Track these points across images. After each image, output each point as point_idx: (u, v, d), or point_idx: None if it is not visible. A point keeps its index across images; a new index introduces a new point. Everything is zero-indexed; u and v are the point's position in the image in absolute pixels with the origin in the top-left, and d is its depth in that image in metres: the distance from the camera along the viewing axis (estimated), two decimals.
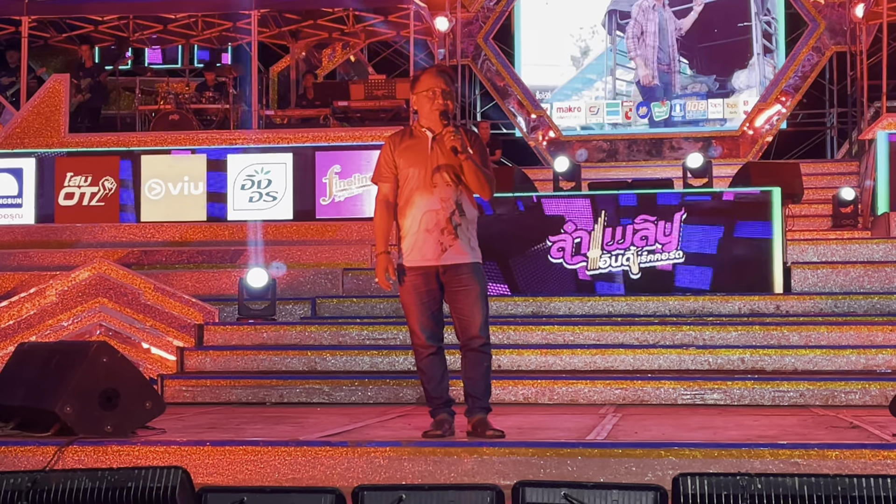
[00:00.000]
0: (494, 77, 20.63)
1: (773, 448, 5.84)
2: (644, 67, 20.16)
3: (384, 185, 6.52)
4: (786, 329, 9.72)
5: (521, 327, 10.04)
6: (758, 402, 8.61)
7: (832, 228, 14.76)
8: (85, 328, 10.49)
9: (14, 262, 13.12)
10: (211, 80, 17.76)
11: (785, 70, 19.67)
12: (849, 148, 19.43)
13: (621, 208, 11.36)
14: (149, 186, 14.30)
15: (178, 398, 9.28)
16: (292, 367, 9.71)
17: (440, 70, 6.55)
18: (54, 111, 14.55)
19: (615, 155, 20.04)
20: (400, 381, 9.13)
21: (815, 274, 11.36)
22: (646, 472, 5.81)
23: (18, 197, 14.48)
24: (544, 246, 11.42)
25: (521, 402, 8.86)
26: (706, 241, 11.25)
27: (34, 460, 6.16)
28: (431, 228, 6.34)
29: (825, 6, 19.67)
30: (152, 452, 6.19)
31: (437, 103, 6.36)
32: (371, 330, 10.14)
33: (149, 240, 13.78)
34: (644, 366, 9.31)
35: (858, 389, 8.56)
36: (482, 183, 6.34)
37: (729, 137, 19.75)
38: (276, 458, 6.10)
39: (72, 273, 10.74)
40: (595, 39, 20.52)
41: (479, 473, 5.92)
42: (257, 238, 13.31)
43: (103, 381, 6.57)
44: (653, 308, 10.77)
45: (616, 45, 20.36)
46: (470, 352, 6.42)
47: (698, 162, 13.65)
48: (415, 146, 6.44)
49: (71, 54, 19.16)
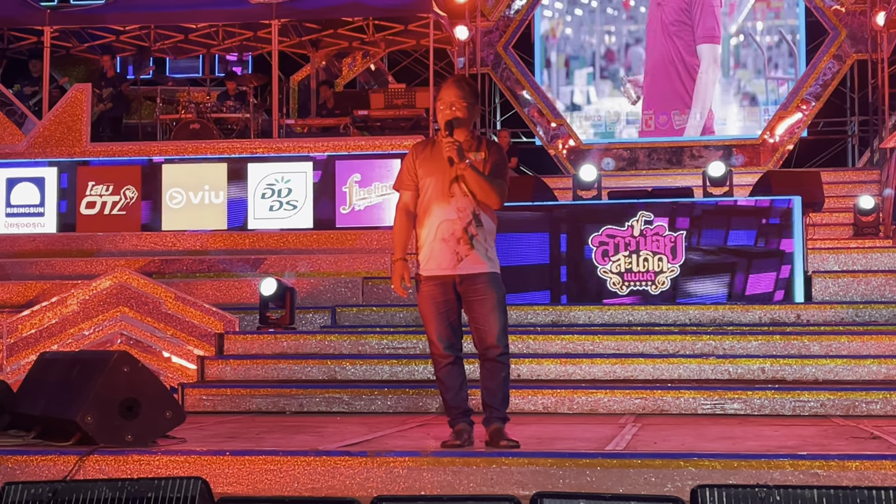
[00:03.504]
0: (514, 86, 20.63)
1: (793, 459, 5.81)
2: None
3: (405, 194, 6.56)
4: (806, 338, 9.69)
5: (541, 336, 10.03)
6: (778, 412, 8.58)
7: (853, 237, 14.69)
8: (106, 337, 10.55)
9: (36, 270, 13.20)
10: (232, 89, 17.83)
11: (806, 78, 19.61)
12: (870, 156, 19.36)
13: (643, 216, 11.33)
14: (170, 195, 14.35)
15: (198, 407, 9.30)
16: (312, 376, 9.73)
17: (457, 80, 6.58)
18: (76, 120, 14.62)
19: (635, 163, 20.01)
20: (419, 391, 9.13)
21: (836, 283, 11.31)
22: (665, 482, 5.80)
23: (40, 206, 14.56)
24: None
25: (540, 411, 8.85)
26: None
27: (55, 469, 6.19)
28: (447, 238, 6.37)
29: (846, 14, 19.61)
30: (172, 462, 6.21)
31: (445, 113, 6.41)
32: (391, 339, 10.15)
33: (170, 248, 13.83)
34: (664, 375, 9.28)
35: (880, 399, 8.52)
36: (487, 192, 6.34)
37: (749, 146, 19.69)
38: (295, 468, 6.11)
39: (93, 282, 10.80)
40: (616, 44, 20.49)
41: (497, 484, 5.91)
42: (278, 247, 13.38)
43: (124, 390, 6.59)
44: (672, 317, 10.75)
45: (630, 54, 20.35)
46: (487, 361, 6.43)
47: (719, 170, 13.61)
48: (435, 156, 6.47)
49: (93, 64, 19.28)
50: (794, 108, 19.57)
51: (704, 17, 19.69)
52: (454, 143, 6.28)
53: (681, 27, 19.78)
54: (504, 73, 20.68)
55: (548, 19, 20.68)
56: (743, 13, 19.92)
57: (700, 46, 19.74)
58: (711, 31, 19.72)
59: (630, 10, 20.16)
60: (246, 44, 18.85)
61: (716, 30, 19.71)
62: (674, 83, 19.84)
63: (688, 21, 19.78)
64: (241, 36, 18.42)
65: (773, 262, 11.21)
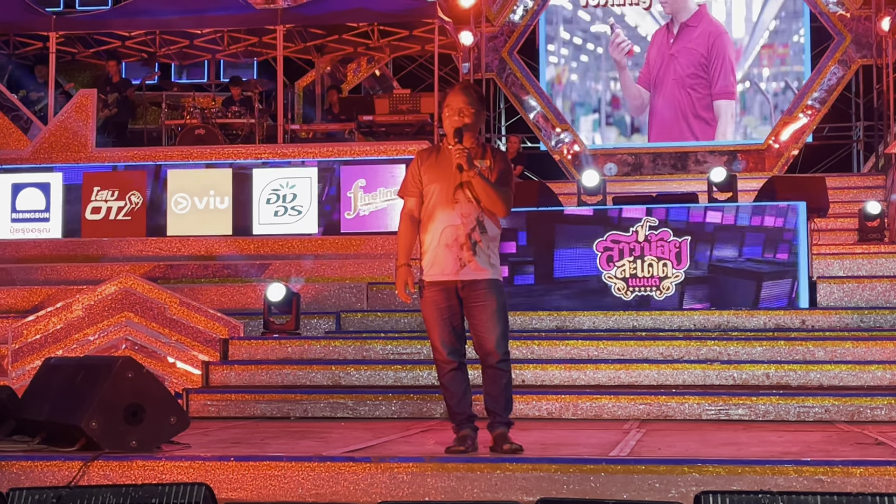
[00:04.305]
0: (519, 91, 20.64)
1: (797, 465, 5.81)
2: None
3: (409, 200, 6.58)
4: (811, 344, 9.68)
5: (546, 342, 10.03)
6: (783, 417, 8.57)
7: (858, 242, 14.67)
8: (111, 342, 10.56)
9: (41, 276, 13.22)
10: (237, 94, 17.85)
11: (811, 83, 19.60)
12: (875, 161, 19.34)
13: (647, 221, 11.33)
14: (175, 201, 14.37)
15: (203, 412, 9.31)
16: (316, 381, 9.73)
17: (464, 86, 6.61)
18: (82, 126, 14.65)
19: (640, 169, 20.01)
20: (423, 396, 9.13)
21: (841, 288, 11.31)
22: (669, 488, 5.80)
23: (46, 211, 14.58)
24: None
25: (544, 416, 8.85)
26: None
27: (60, 475, 6.20)
28: (451, 244, 6.39)
29: (851, 20, 19.60)
30: (177, 468, 6.21)
31: (453, 120, 6.42)
32: (395, 344, 10.15)
33: (174, 254, 13.84)
34: (668, 381, 9.28)
35: (884, 405, 8.50)
36: (493, 200, 6.37)
37: (754, 151, 19.69)
38: (299, 474, 6.12)
39: (98, 287, 10.81)
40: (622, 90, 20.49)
41: (502, 489, 5.92)
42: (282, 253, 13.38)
43: (129, 396, 6.60)
44: (677, 323, 10.75)
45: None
46: (488, 368, 6.46)
47: (723, 176, 13.59)
48: (440, 162, 6.49)
49: (98, 70, 19.31)
50: (799, 114, 19.56)
51: (724, 74, 19.67)
52: (464, 151, 6.31)
53: (697, 80, 19.77)
54: (509, 79, 20.69)
55: (553, 66, 20.62)
56: (749, 59, 19.85)
57: (717, 102, 19.74)
58: (731, 86, 19.71)
59: (634, 57, 20.12)
60: (251, 49, 18.87)
61: (733, 85, 19.72)
62: (683, 132, 19.87)
63: (704, 75, 19.75)
64: (246, 41, 18.44)
65: (777, 268, 11.20)
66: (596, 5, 20.26)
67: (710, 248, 11.25)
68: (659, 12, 19.99)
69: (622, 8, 20.19)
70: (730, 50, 19.66)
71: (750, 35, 19.84)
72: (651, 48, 20.01)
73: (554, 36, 20.56)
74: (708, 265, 11.24)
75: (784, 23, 19.88)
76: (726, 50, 19.65)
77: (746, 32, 19.86)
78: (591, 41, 20.36)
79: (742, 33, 19.85)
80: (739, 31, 19.86)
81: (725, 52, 19.65)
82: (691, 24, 19.82)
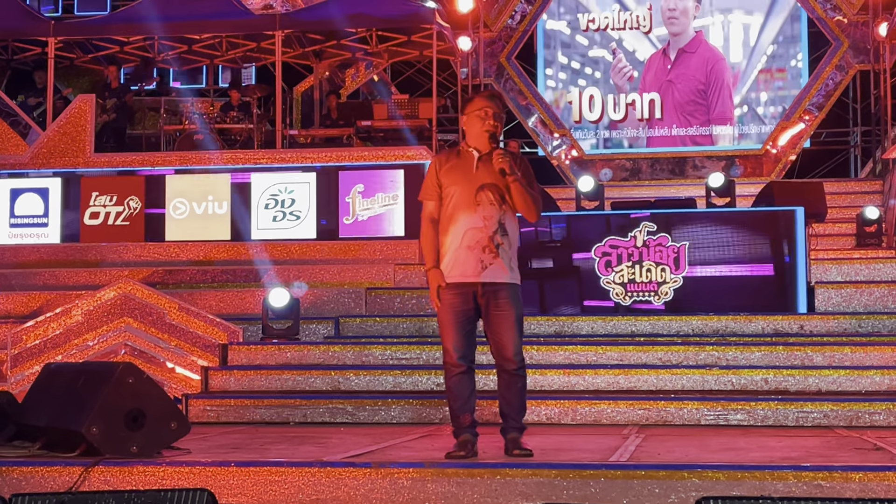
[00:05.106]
0: (517, 96, 20.65)
1: (797, 470, 5.83)
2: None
3: (429, 203, 6.62)
4: (809, 349, 9.69)
5: (545, 347, 10.04)
6: (781, 423, 8.59)
7: (856, 248, 14.70)
8: (110, 348, 10.57)
9: (40, 281, 13.22)
10: (235, 99, 17.87)
11: (808, 89, 19.62)
12: (873, 167, 19.37)
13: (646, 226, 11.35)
14: (173, 206, 14.38)
15: (202, 418, 9.31)
16: (316, 386, 9.74)
17: (492, 94, 6.70)
18: (80, 131, 14.66)
19: (638, 174, 20.02)
20: (423, 401, 9.15)
21: (839, 293, 11.32)
22: (669, 494, 5.81)
23: (44, 216, 14.59)
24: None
25: (544, 422, 8.86)
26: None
27: (60, 481, 6.20)
28: (473, 246, 6.43)
29: (848, 25, 19.63)
30: (177, 473, 6.23)
31: (488, 124, 6.48)
32: (394, 349, 10.16)
33: (173, 259, 13.84)
34: (667, 386, 9.30)
35: (883, 410, 8.53)
36: (529, 205, 6.45)
37: (752, 156, 19.70)
38: (299, 479, 6.13)
39: (97, 293, 10.82)
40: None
41: (502, 495, 5.93)
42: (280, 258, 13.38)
43: (129, 401, 6.61)
44: (675, 328, 10.76)
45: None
46: (505, 373, 6.53)
47: (721, 181, 13.62)
48: (460, 165, 6.54)
49: (97, 75, 19.31)
50: (796, 119, 19.58)
51: (721, 100, 19.67)
52: (507, 156, 6.39)
53: (696, 107, 19.77)
54: (507, 84, 20.70)
55: (552, 90, 20.62)
56: (746, 84, 19.85)
57: (716, 128, 19.75)
58: (728, 112, 19.72)
59: (633, 83, 20.11)
60: (249, 54, 18.88)
61: (731, 111, 19.72)
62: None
63: (702, 102, 19.75)
64: (244, 47, 18.46)
65: (775, 273, 11.22)
66: (596, 29, 20.25)
67: (709, 253, 11.25)
68: (657, 36, 19.96)
69: (620, 32, 20.18)
70: (727, 76, 19.68)
71: (748, 59, 19.83)
72: (646, 73, 19.99)
73: (552, 60, 20.54)
74: (706, 270, 11.23)
75: (781, 47, 19.87)
76: (724, 76, 19.66)
77: (744, 57, 19.85)
78: (590, 65, 20.33)
79: (740, 57, 19.83)
80: (737, 55, 19.85)
81: (723, 78, 19.66)
82: (689, 49, 19.81)
